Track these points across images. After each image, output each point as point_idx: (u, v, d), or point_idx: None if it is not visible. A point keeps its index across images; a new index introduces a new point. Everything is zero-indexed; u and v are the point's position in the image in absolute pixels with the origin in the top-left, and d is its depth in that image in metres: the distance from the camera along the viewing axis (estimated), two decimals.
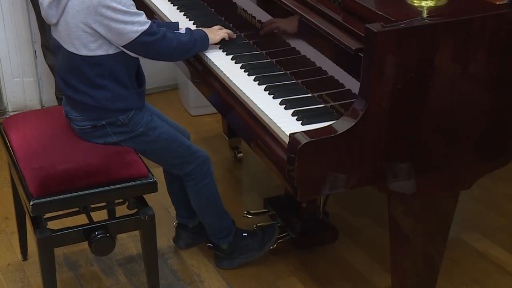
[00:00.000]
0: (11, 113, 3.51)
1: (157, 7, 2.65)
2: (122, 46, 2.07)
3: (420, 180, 1.84)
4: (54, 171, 2.08)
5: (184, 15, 2.57)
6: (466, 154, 1.86)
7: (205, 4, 2.65)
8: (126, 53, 2.10)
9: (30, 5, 3.23)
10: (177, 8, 2.62)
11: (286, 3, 2.04)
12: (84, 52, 2.06)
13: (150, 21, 2.08)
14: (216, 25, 2.37)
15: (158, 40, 2.09)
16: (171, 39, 2.13)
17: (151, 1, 2.70)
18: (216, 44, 2.29)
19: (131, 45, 2.06)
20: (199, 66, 2.31)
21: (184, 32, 2.23)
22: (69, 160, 2.12)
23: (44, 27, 3.06)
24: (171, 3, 2.68)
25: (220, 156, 3.17)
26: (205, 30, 2.28)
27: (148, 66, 2.30)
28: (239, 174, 3.11)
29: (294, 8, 2.00)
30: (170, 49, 2.14)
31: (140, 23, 2.04)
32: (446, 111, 1.78)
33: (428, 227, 1.94)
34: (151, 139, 2.23)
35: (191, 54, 2.25)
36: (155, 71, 3.44)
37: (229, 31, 2.32)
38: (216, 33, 2.29)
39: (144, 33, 2.05)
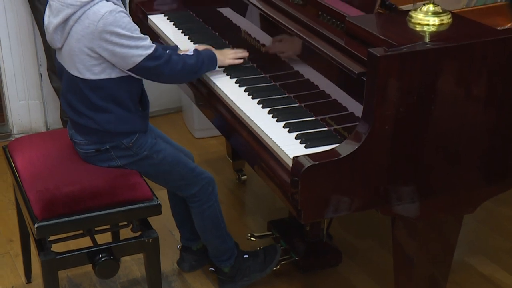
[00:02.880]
0: (17, 136, 3.53)
1: (162, 31, 2.68)
2: (127, 70, 2.08)
3: (423, 203, 1.84)
4: (58, 193, 2.08)
5: (188, 38, 2.60)
6: (469, 177, 1.86)
7: (209, 27, 2.67)
8: (129, 77, 2.11)
9: (37, 29, 3.27)
10: (182, 32, 2.65)
11: (290, 27, 2.06)
12: (87, 75, 2.08)
13: (155, 45, 2.09)
14: (224, 48, 2.39)
15: (162, 64, 2.10)
16: (176, 62, 2.14)
17: (155, 25, 2.73)
18: (220, 67, 2.31)
19: (135, 69, 2.08)
20: (203, 89, 2.33)
21: (191, 53, 2.24)
22: (73, 182, 2.13)
23: (50, 51, 3.09)
24: (175, 26, 2.70)
25: (224, 179, 3.18)
26: (215, 51, 2.29)
27: (153, 88, 2.32)
28: (243, 196, 3.11)
29: (298, 32, 2.02)
30: (175, 72, 2.15)
31: (144, 47, 2.05)
32: (449, 134, 1.79)
33: (432, 250, 1.94)
34: (155, 162, 2.24)
35: (198, 75, 2.27)
36: (159, 94, 3.46)
37: (240, 54, 2.32)
38: (227, 56, 2.29)
39: (149, 57, 2.06)
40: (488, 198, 1.93)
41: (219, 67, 2.28)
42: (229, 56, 2.30)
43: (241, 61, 2.32)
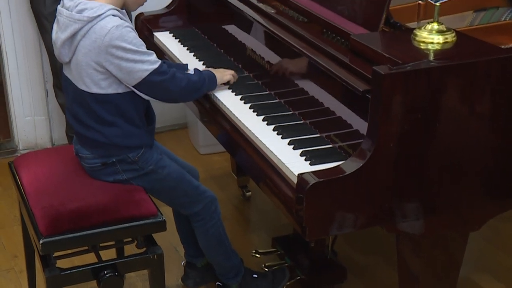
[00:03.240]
0: (22, 151, 3.55)
1: (168, 48, 2.69)
2: (133, 86, 2.09)
3: (428, 220, 1.84)
4: (64, 209, 2.09)
5: (194, 55, 2.61)
6: (474, 194, 1.86)
7: (215, 45, 2.69)
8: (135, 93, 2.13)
9: (43, 46, 3.29)
10: (187, 49, 2.66)
11: (294, 44, 2.07)
12: (94, 90, 2.09)
13: (160, 61, 2.10)
14: (226, 65, 2.41)
15: (167, 79, 2.11)
16: (181, 79, 2.16)
17: (161, 42, 2.75)
18: (225, 84, 2.32)
19: (140, 85, 2.08)
20: (208, 106, 2.34)
21: (193, 72, 2.26)
22: (79, 198, 2.13)
23: (56, 67, 3.11)
24: (181, 43, 2.72)
25: (229, 195, 3.18)
26: (212, 70, 2.31)
27: (158, 104, 2.32)
28: (247, 212, 3.11)
29: (302, 50, 2.03)
30: (179, 88, 2.16)
31: (150, 62, 2.07)
32: (453, 151, 1.79)
33: (437, 267, 1.94)
34: (160, 177, 2.24)
35: (200, 94, 2.28)
36: (164, 110, 3.47)
37: (233, 72, 2.35)
38: (224, 73, 2.32)
39: (154, 72, 2.07)
40: (493, 216, 1.93)
41: (219, 85, 2.30)
42: (225, 73, 2.32)
43: (237, 76, 2.34)
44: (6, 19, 3.34)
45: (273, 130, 2.06)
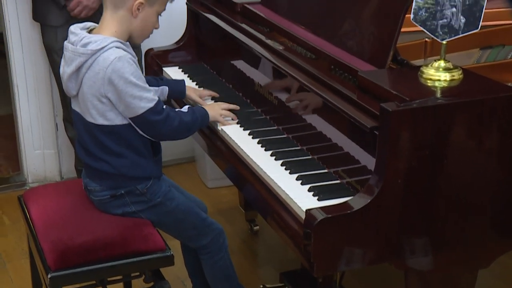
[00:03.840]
0: (31, 185, 3.57)
1: None
2: (129, 118, 2.12)
3: (437, 257, 1.83)
4: (72, 244, 2.09)
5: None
6: (483, 231, 1.86)
7: (223, 80, 2.71)
8: None
9: (54, 80, 3.33)
10: (196, 84, 2.69)
11: (303, 80, 2.09)
12: (101, 121, 2.12)
13: (157, 98, 2.12)
14: (234, 100, 2.43)
15: (161, 120, 2.12)
16: (173, 119, 2.16)
17: (169, 76, 2.77)
18: (233, 119, 2.34)
19: (135, 119, 2.11)
20: (216, 140, 2.35)
21: (185, 110, 2.26)
22: (87, 232, 2.14)
23: (66, 101, 3.14)
24: (189, 78, 2.74)
25: (237, 229, 3.18)
26: (206, 107, 2.33)
27: None
28: (255, 247, 3.10)
29: (310, 86, 2.05)
30: (171, 129, 2.16)
31: (147, 100, 2.09)
32: (461, 188, 1.79)
33: None
34: (168, 210, 2.25)
35: (191, 133, 2.29)
36: (172, 144, 3.46)
37: (231, 106, 2.36)
38: (218, 112, 2.33)
39: (150, 110, 2.09)
40: (503, 253, 1.92)
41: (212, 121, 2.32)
42: (220, 111, 2.34)
43: (234, 122, 2.34)
44: (18, 53, 3.39)
45: (281, 165, 2.07)
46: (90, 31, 2.15)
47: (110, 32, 2.11)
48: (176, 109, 2.26)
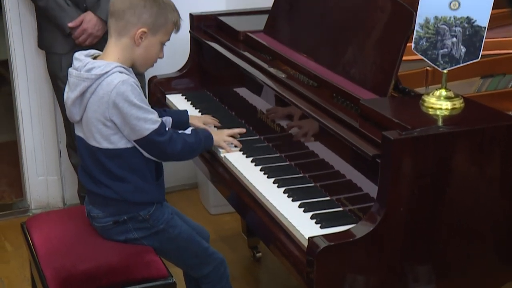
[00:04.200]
0: (34, 211, 3.57)
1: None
2: (134, 141, 2.14)
3: (440, 285, 1.83)
4: (75, 271, 2.10)
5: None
6: (487, 259, 1.86)
7: (226, 107, 2.73)
8: None
9: (58, 107, 3.35)
10: (199, 111, 2.70)
11: (305, 108, 2.10)
12: (105, 145, 2.13)
13: (160, 120, 2.15)
14: (237, 127, 2.45)
15: (165, 141, 2.15)
16: (177, 141, 2.19)
17: (173, 104, 2.79)
18: (236, 146, 2.35)
19: (141, 141, 2.13)
20: (219, 167, 2.36)
21: (189, 132, 2.29)
22: (89, 259, 2.14)
23: (70, 127, 3.16)
24: (192, 105, 2.76)
25: (239, 255, 3.17)
26: (211, 131, 2.35)
27: (169, 164, 2.36)
28: (257, 273, 3.10)
29: (313, 114, 2.06)
30: (175, 150, 2.18)
31: (152, 121, 2.11)
32: (464, 216, 1.80)
33: None
34: (170, 237, 2.26)
35: (195, 154, 2.32)
36: (175, 170, 3.50)
37: (237, 130, 2.38)
38: (223, 138, 2.34)
39: (155, 131, 2.11)
40: (507, 282, 1.92)
41: (215, 144, 2.33)
42: (224, 137, 2.35)
43: (238, 148, 2.34)
44: (22, 80, 3.42)
45: (284, 192, 2.07)
46: (94, 58, 2.17)
47: (113, 59, 2.14)
48: (179, 131, 2.28)
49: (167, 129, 2.18)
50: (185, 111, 2.50)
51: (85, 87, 2.09)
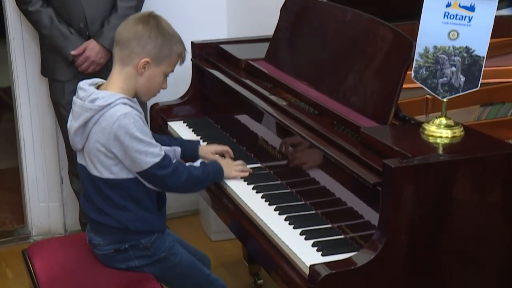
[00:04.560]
0: (35, 238, 3.57)
1: (181, 137, 2.74)
2: (136, 173, 2.14)
3: None
4: None
5: (207, 145, 2.65)
6: (488, 287, 1.86)
7: (227, 134, 2.74)
8: None
9: (60, 134, 3.37)
10: (200, 138, 2.71)
11: (306, 136, 2.11)
12: (106, 175, 2.14)
13: (163, 153, 2.14)
14: (238, 155, 2.45)
15: (168, 174, 2.14)
16: (181, 173, 2.17)
17: (175, 131, 2.80)
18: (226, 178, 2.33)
19: (142, 174, 2.13)
20: (220, 194, 2.36)
21: (197, 165, 2.27)
22: (91, 287, 2.14)
23: (72, 154, 3.17)
24: (194, 133, 2.77)
25: (240, 282, 3.16)
26: (222, 163, 2.32)
27: None
28: None
29: (313, 142, 2.07)
30: (180, 183, 2.17)
31: (153, 155, 2.11)
32: (465, 244, 1.80)
33: None
34: (172, 265, 2.26)
35: (202, 187, 2.30)
36: (176, 196, 3.48)
37: (246, 169, 2.34)
38: (233, 168, 2.32)
39: (156, 165, 2.11)
40: None
41: (225, 178, 2.31)
42: (235, 168, 2.33)
43: (247, 174, 2.34)
44: (25, 107, 3.44)
45: (285, 220, 2.08)
46: (98, 86, 2.19)
47: (116, 88, 2.15)
48: (188, 163, 2.27)
49: (173, 161, 2.17)
50: (196, 142, 2.49)
51: (88, 117, 2.10)
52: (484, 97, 2.17)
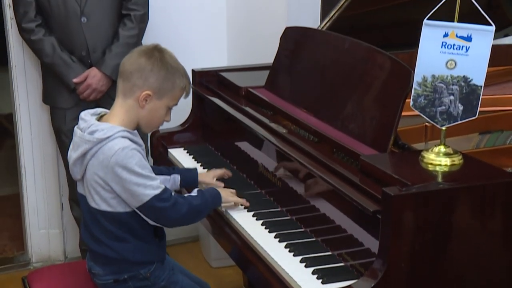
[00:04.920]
0: (35, 264, 3.56)
1: (181, 164, 2.75)
2: (136, 208, 2.12)
3: None
4: None
5: (207, 172, 2.66)
6: None
7: (227, 161, 2.75)
8: None
9: (61, 160, 3.38)
10: (200, 165, 2.72)
11: (305, 163, 2.12)
12: (103, 207, 2.13)
13: (163, 186, 2.12)
14: (238, 182, 2.46)
15: (168, 207, 2.11)
16: (181, 205, 2.15)
17: (175, 158, 2.81)
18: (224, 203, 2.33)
19: (142, 208, 2.11)
20: (220, 221, 2.37)
21: (195, 194, 2.25)
22: None
23: (72, 181, 3.18)
24: (194, 159, 2.78)
25: None
26: (219, 189, 2.31)
27: None
28: None
29: (313, 169, 2.08)
30: (180, 215, 2.15)
31: (152, 187, 2.09)
32: (465, 271, 1.80)
33: None
34: None
35: (203, 216, 2.27)
36: None
37: (243, 201, 2.33)
38: (230, 195, 2.31)
39: (156, 197, 2.09)
40: None
41: (224, 203, 2.30)
42: (231, 196, 2.31)
43: (246, 202, 2.33)
44: (26, 134, 3.46)
45: (285, 247, 2.08)
46: (101, 117, 2.19)
47: (118, 119, 2.15)
48: (186, 194, 2.25)
49: (172, 194, 2.15)
50: (194, 169, 2.48)
51: (86, 149, 2.10)
52: (482, 125, 2.18)
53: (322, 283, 1.88)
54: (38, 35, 3.02)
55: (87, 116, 2.17)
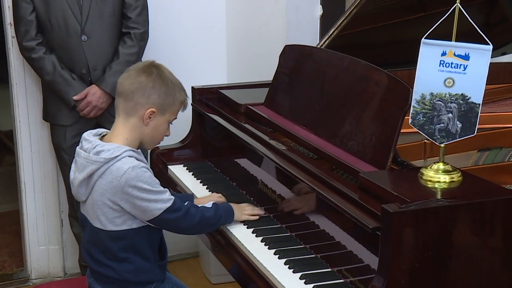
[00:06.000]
0: (34, 281, 3.55)
1: (181, 181, 2.76)
2: (147, 221, 2.15)
3: None
4: None
5: (207, 188, 2.67)
6: None
7: (227, 178, 2.76)
8: (149, 227, 2.16)
9: (61, 177, 3.39)
10: (200, 182, 2.73)
11: (305, 180, 2.13)
12: (109, 227, 2.13)
13: (173, 198, 2.15)
14: (238, 198, 2.46)
15: (180, 217, 2.15)
16: (194, 215, 2.19)
17: (175, 175, 2.82)
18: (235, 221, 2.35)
19: (154, 221, 2.14)
20: (220, 238, 2.37)
21: (209, 206, 2.29)
22: None
23: (72, 198, 3.18)
24: (194, 176, 2.79)
25: None
26: (233, 205, 2.34)
27: (170, 234, 2.37)
28: None
29: (312, 186, 2.09)
30: (193, 224, 2.19)
31: (163, 201, 2.11)
32: (465, 287, 1.81)
33: None
34: None
35: (214, 228, 2.31)
36: (176, 239, 3.49)
37: (257, 211, 2.37)
38: (243, 211, 2.34)
39: (167, 210, 2.12)
40: None
41: (235, 221, 2.32)
42: (246, 211, 2.35)
43: (257, 217, 2.35)
44: (26, 151, 3.47)
45: (285, 263, 2.08)
46: (102, 137, 2.20)
47: (121, 139, 2.15)
48: (200, 205, 2.28)
49: (185, 203, 2.18)
50: (190, 195, 2.49)
51: (93, 169, 2.10)
52: (481, 142, 2.19)
53: None
54: (39, 53, 3.04)
55: (90, 137, 2.17)
